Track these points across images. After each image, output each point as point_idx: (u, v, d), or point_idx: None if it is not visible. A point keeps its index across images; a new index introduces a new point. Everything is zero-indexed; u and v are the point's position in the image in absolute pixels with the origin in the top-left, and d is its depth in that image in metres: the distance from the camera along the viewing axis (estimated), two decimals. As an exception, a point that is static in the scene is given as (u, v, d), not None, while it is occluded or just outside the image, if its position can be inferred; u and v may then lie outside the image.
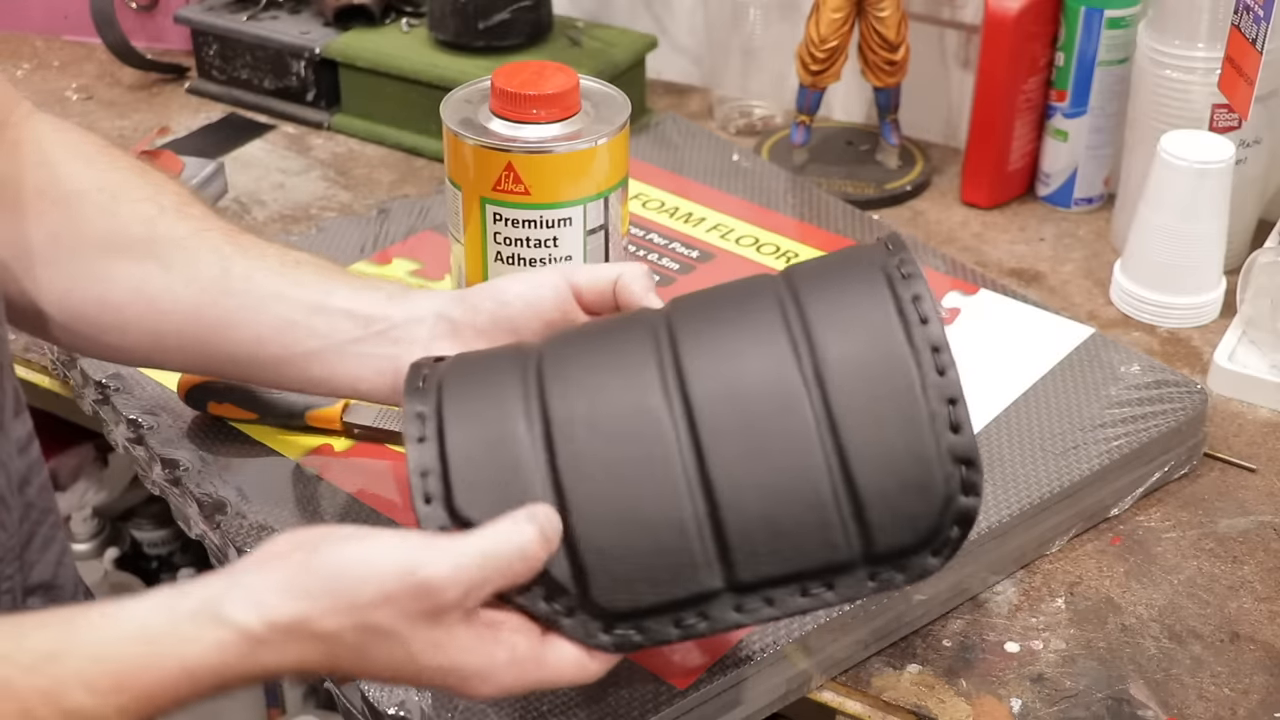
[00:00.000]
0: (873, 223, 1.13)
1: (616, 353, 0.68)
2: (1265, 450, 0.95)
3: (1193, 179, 1.01)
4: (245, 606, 0.58)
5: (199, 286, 0.75)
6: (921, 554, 0.65)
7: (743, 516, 0.64)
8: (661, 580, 0.64)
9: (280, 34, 1.32)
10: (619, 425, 0.65)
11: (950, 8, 1.28)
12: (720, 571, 0.64)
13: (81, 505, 1.56)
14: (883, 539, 0.64)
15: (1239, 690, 0.77)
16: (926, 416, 0.64)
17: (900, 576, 0.65)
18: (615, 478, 0.65)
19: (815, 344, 0.65)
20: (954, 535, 0.64)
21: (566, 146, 0.90)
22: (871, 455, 0.64)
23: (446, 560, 0.60)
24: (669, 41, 1.40)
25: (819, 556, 0.64)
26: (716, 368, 0.66)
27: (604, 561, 0.64)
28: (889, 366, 0.64)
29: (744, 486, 0.64)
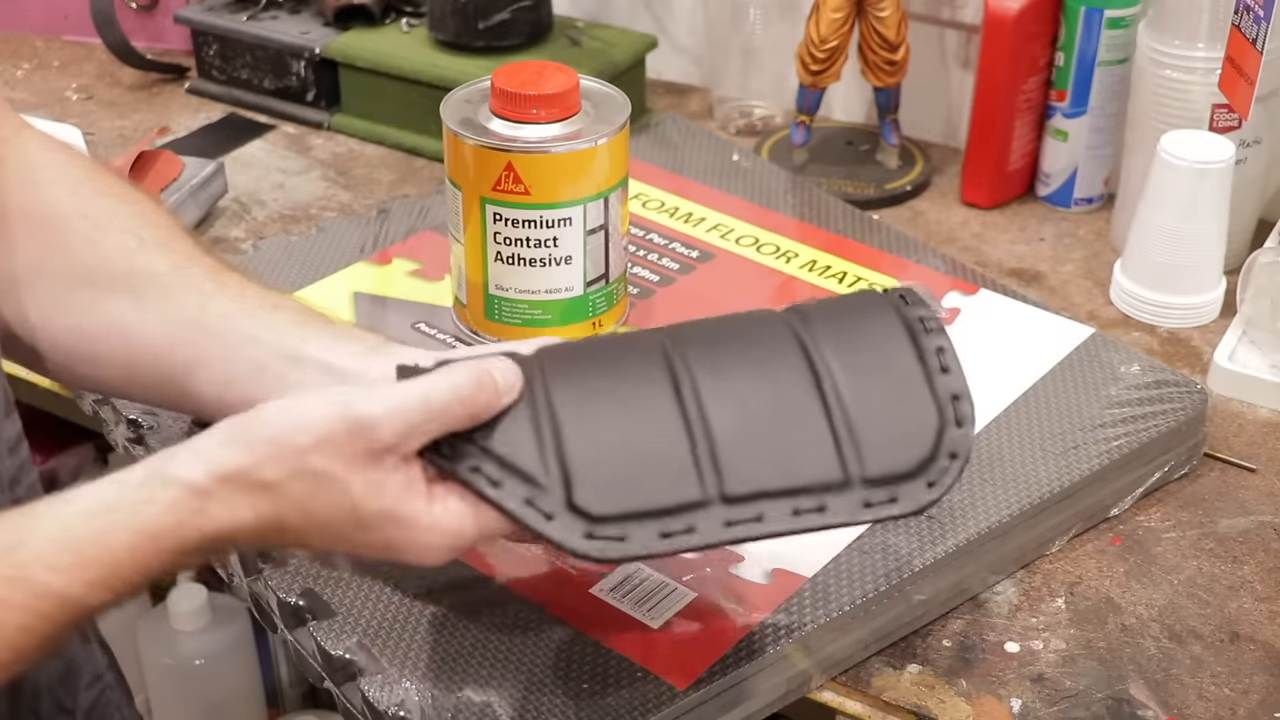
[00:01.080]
0: (873, 223, 1.13)
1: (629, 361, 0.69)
2: (1265, 450, 0.95)
3: (1193, 179, 1.01)
4: (189, 463, 0.60)
5: (174, 324, 0.74)
6: (916, 481, 0.65)
7: (736, 426, 0.65)
8: (650, 485, 0.64)
9: (280, 34, 1.32)
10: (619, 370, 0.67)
11: (950, 8, 1.28)
12: (712, 481, 0.64)
13: (81, 505, 1.55)
14: (876, 461, 0.65)
15: (1239, 690, 0.77)
16: (916, 359, 0.67)
17: (895, 505, 0.65)
18: (606, 386, 0.66)
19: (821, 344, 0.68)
20: (948, 466, 0.65)
21: (566, 146, 0.90)
22: (866, 389, 0.66)
23: (380, 398, 0.61)
24: (669, 41, 1.40)
25: (812, 473, 0.64)
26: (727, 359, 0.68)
27: (590, 462, 0.64)
28: (884, 334, 0.68)
29: (742, 410, 0.65)
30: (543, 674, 0.74)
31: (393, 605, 0.78)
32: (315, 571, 0.80)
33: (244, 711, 1.43)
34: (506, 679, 0.74)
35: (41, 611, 0.57)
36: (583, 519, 0.63)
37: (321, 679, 0.77)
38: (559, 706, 0.73)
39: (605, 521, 0.63)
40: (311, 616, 0.78)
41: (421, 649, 0.76)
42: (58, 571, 0.57)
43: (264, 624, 0.82)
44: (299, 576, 0.79)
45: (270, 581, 0.79)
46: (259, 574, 0.80)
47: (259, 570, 0.80)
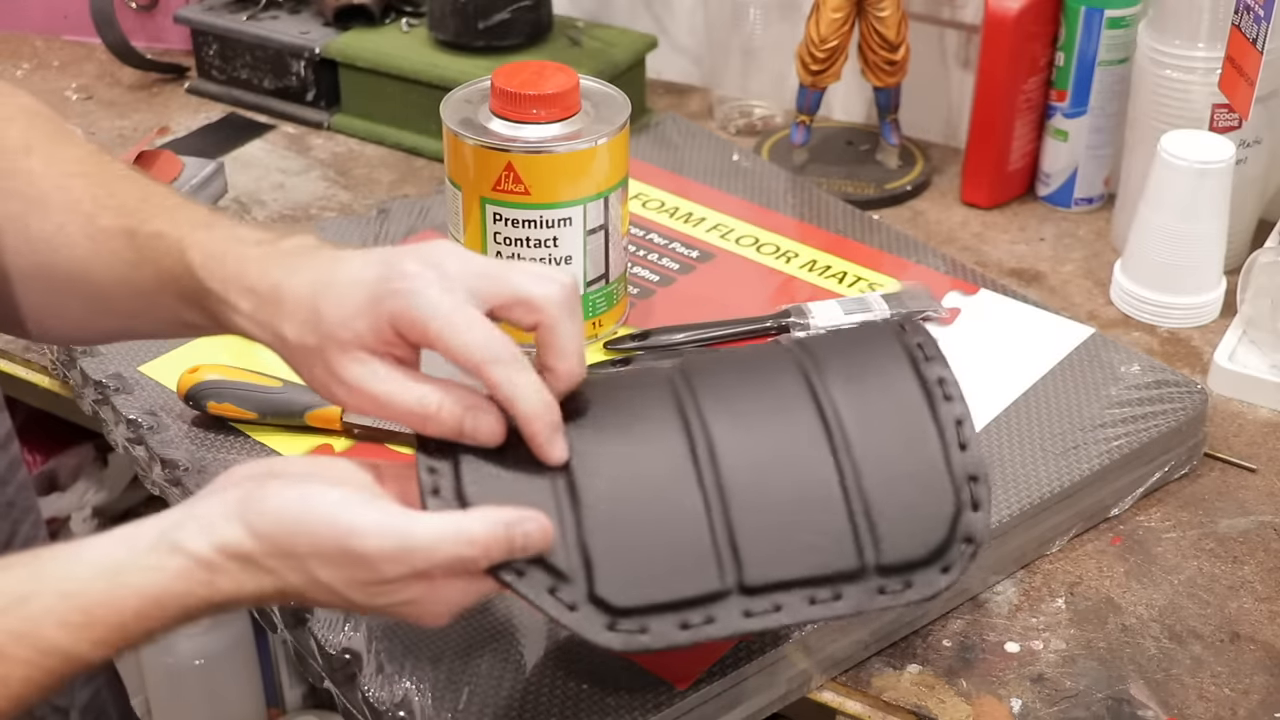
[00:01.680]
0: (873, 223, 1.13)
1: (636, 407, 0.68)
2: (1265, 450, 0.94)
3: (1193, 179, 1.01)
4: (198, 535, 0.60)
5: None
6: (931, 568, 0.65)
7: (756, 518, 0.65)
8: (670, 577, 0.64)
9: (280, 34, 1.32)
10: (639, 452, 0.67)
11: (950, 8, 1.28)
12: (731, 572, 0.64)
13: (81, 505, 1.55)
14: (893, 550, 0.65)
15: (1239, 690, 0.77)
16: (936, 433, 0.67)
17: (909, 592, 0.65)
18: (630, 474, 0.65)
19: (834, 396, 0.68)
20: (962, 551, 0.66)
21: (566, 146, 0.90)
22: (884, 468, 0.66)
23: (386, 538, 0.60)
24: (669, 41, 1.40)
25: (829, 564, 0.65)
26: (741, 418, 0.68)
27: (613, 554, 0.64)
28: (901, 400, 0.68)
29: (760, 492, 0.65)
30: (543, 674, 0.74)
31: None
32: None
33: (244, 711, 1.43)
34: (506, 679, 0.74)
35: (46, 667, 0.58)
36: (605, 612, 0.64)
37: (321, 679, 0.77)
38: (559, 706, 0.73)
39: (627, 615, 0.64)
40: (311, 617, 0.78)
41: (421, 649, 0.76)
42: (66, 629, 0.58)
43: (264, 624, 0.82)
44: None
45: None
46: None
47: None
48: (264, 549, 0.60)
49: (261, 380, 0.90)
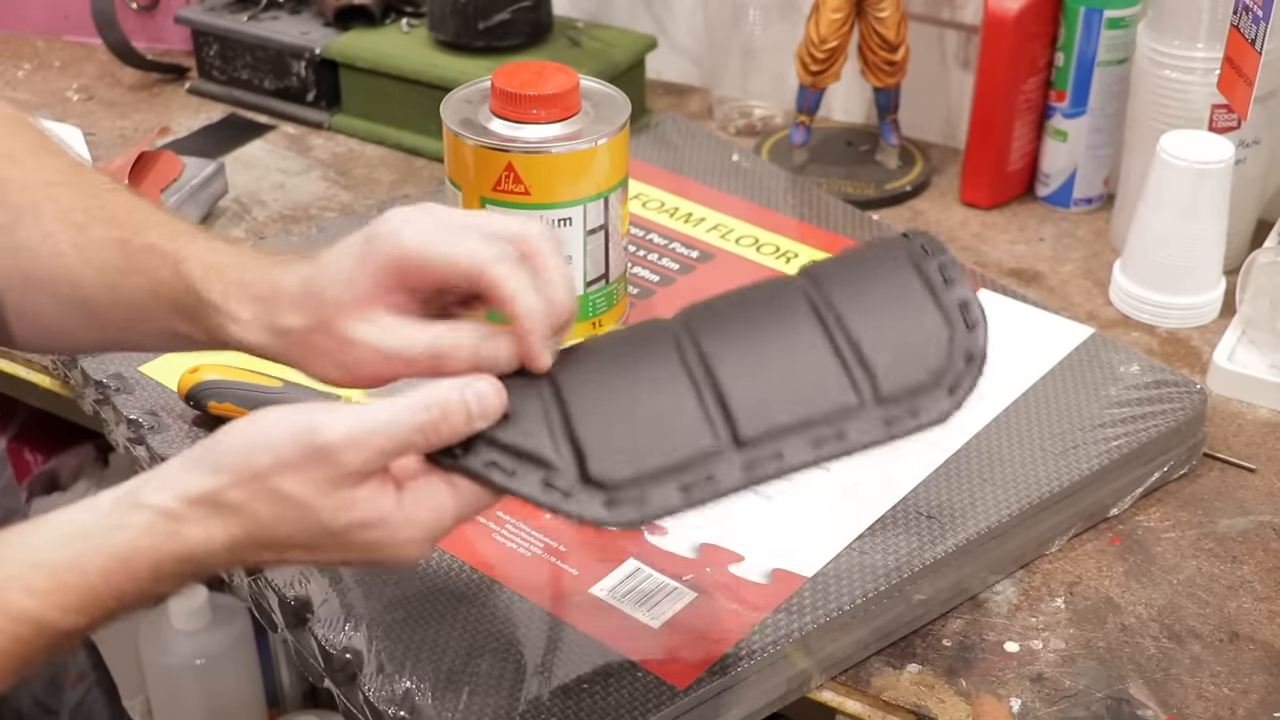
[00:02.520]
0: (872, 223, 1.13)
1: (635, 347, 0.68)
2: (1265, 450, 0.95)
3: (1192, 179, 1.01)
4: (159, 487, 0.60)
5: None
6: (935, 391, 0.64)
7: (744, 377, 0.64)
8: (662, 443, 0.63)
9: (280, 34, 1.32)
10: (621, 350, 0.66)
11: (950, 8, 1.28)
12: (724, 429, 0.63)
13: (82, 505, 1.55)
14: (889, 378, 0.64)
15: (1238, 690, 0.77)
16: (919, 279, 0.66)
17: (916, 419, 0.64)
18: (609, 357, 0.65)
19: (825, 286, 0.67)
20: (965, 369, 0.64)
21: (566, 146, 0.90)
22: (869, 311, 0.65)
23: (344, 424, 0.60)
24: (669, 41, 1.40)
25: (825, 401, 0.63)
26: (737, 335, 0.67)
27: (601, 434, 0.63)
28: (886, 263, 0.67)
29: (746, 355, 0.65)
30: (543, 674, 0.74)
31: (393, 605, 0.78)
32: (315, 571, 0.80)
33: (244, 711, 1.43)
34: (506, 679, 0.74)
35: (17, 635, 0.57)
36: (600, 490, 0.63)
37: (321, 679, 0.77)
38: (559, 706, 0.73)
39: (622, 487, 0.63)
40: (311, 616, 0.78)
41: (421, 649, 0.76)
42: (33, 595, 0.58)
43: (264, 624, 0.82)
44: (299, 576, 0.79)
45: (270, 581, 0.79)
46: (259, 574, 0.80)
47: (259, 570, 0.80)
48: (226, 480, 0.60)
49: (261, 380, 0.90)
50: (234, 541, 0.60)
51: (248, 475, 0.60)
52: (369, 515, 0.61)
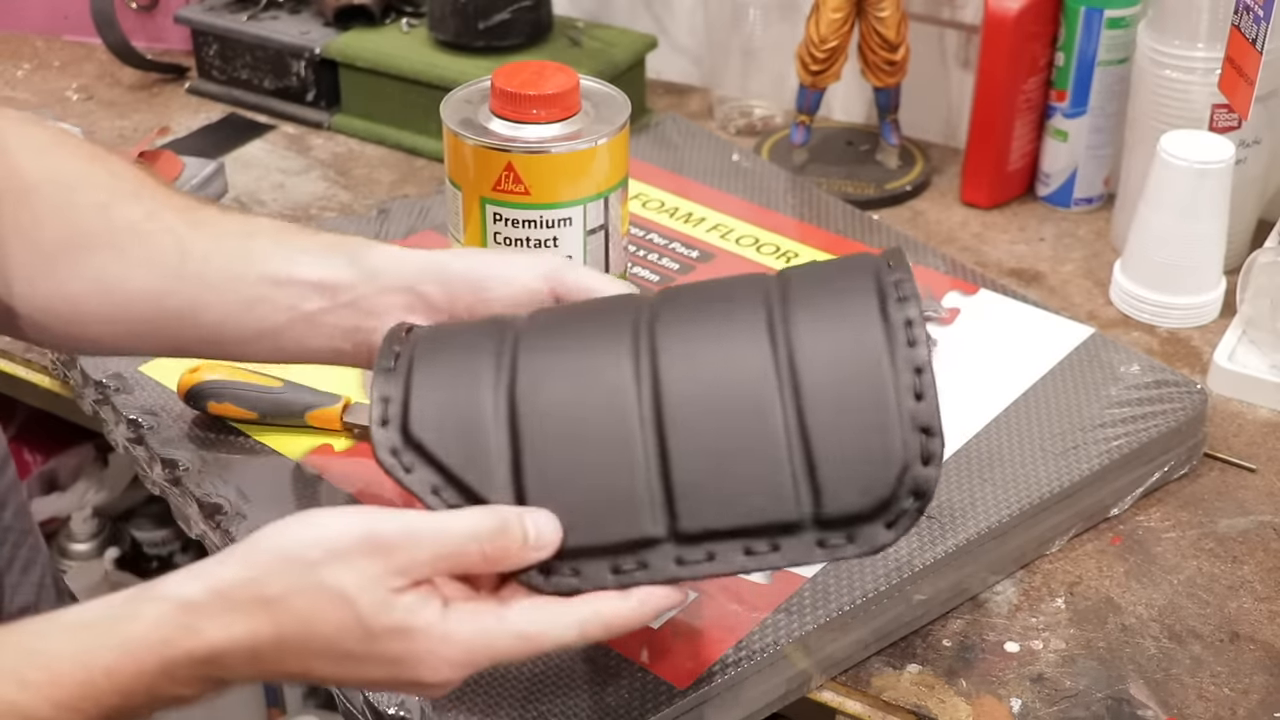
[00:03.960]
0: (873, 223, 1.13)
1: (594, 334, 0.67)
2: (1265, 450, 0.95)
3: (1193, 179, 1.01)
4: (184, 579, 0.57)
5: (158, 272, 0.74)
6: (874, 523, 0.63)
7: (691, 464, 0.63)
8: (603, 522, 0.63)
9: (280, 34, 1.32)
10: (579, 380, 0.66)
11: (950, 8, 1.28)
12: (664, 519, 0.63)
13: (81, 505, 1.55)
14: (833, 502, 0.63)
15: (1239, 690, 0.77)
16: (890, 381, 0.63)
17: (850, 546, 0.63)
18: (568, 417, 0.65)
19: (791, 330, 0.65)
20: (909, 507, 0.63)
21: (566, 146, 0.90)
22: (829, 415, 0.63)
23: (400, 522, 0.60)
24: (669, 41, 1.40)
25: (766, 513, 0.63)
26: (689, 350, 0.66)
27: (547, 496, 0.63)
28: (860, 338, 0.64)
29: (695, 436, 0.64)
30: (543, 674, 0.74)
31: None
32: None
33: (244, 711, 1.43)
34: (506, 679, 0.74)
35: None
36: None
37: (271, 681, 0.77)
38: (559, 706, 0.73)
39: (560, 557, 0.63)
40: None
41: (421, 649, 0.75)
42: (26, 688, 0.54)
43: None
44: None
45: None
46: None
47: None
48: (267, 568, 0.57)
49: (261, 380, 0.90)
50: (256, 643, 0.57)
51: (294, 564, 0.58)
52: (409, 622, 0.59)
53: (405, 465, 0.64)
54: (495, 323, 0.70)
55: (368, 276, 0.73)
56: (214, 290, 0.73)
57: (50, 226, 0.74)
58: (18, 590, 0.69)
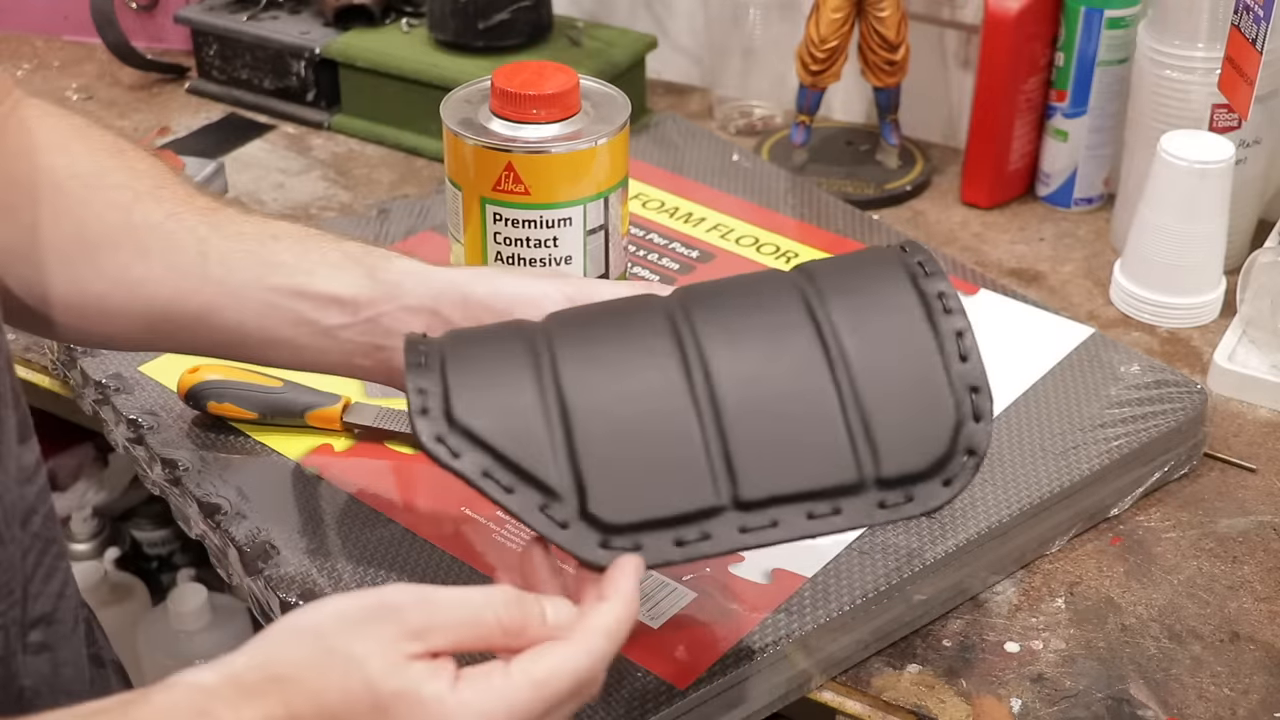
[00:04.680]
0: (873, 223, 1.13)
1: (630, 327, 0.67)
2: (1265, 450, 0.95)
3: (1193, 179, 1.01)
4: (200, 670, 0.56)
5: (178, 274, 0.74)
6: (932, 481, 0.64)
7: (751, 432, 0.63)
8: (664, 492, 0.63)
9: (280, 34, 1.32)
10: (629, 368, 0.65)
11: (950, 8, 1.28)
12: (726, 487, 0.63)
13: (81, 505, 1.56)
14: (892, 461, 0.63)
15: (1239, 690, 0.77)
16: (935, 346, 0.65)
17: (911, 505, 0.64)
18: (622, 390, 0.64)
19: (834, 320, 0.66)
20: (965, 464, 0.64)
21: (566, 146, 0.90)
22: (882, 380, 0.64)
23: (415, 591, 0.58)
24: (669, 41, 1.40)
25: (826, 476, 0.63)
26: (734, 337, 0.66)
27: (606, 470, 0.62)
28: (899, 312, 0.66)
29: (754, 405, 0.64)
30: (543, 674, 0.74)
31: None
32: (315, 571, 0.80)
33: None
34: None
35: None
36: (597, 529, 0.62)
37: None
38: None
39: (620, 531, 0.62)
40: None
41: (421, 649, 0.75)
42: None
43: (264, 624, 0.82)
44: (299, 576, 0.79)
45: (270, 581, 0.79)
46: (259, 574, 0.80)
47: (259, 570, 0.80)
48: (279, 647, 0.56)
49: (262, 380, 0.90)
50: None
51: (305, 636, 0.56)
52: (421, 689, 0.56)
53: (453, 450, 0.63)
54: (516, 324, 0.69)
55: (388, 294, 0.73)
56: (233, 296, 0.73)
57: (70, 225, 0.74)
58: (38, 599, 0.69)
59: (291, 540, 0.82)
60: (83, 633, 0.74)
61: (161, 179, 0.77)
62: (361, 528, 0.83)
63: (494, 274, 0.75)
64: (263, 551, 0.81)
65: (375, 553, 0.81)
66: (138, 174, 0.76)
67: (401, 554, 0.81)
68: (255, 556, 0.81)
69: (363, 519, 0.83)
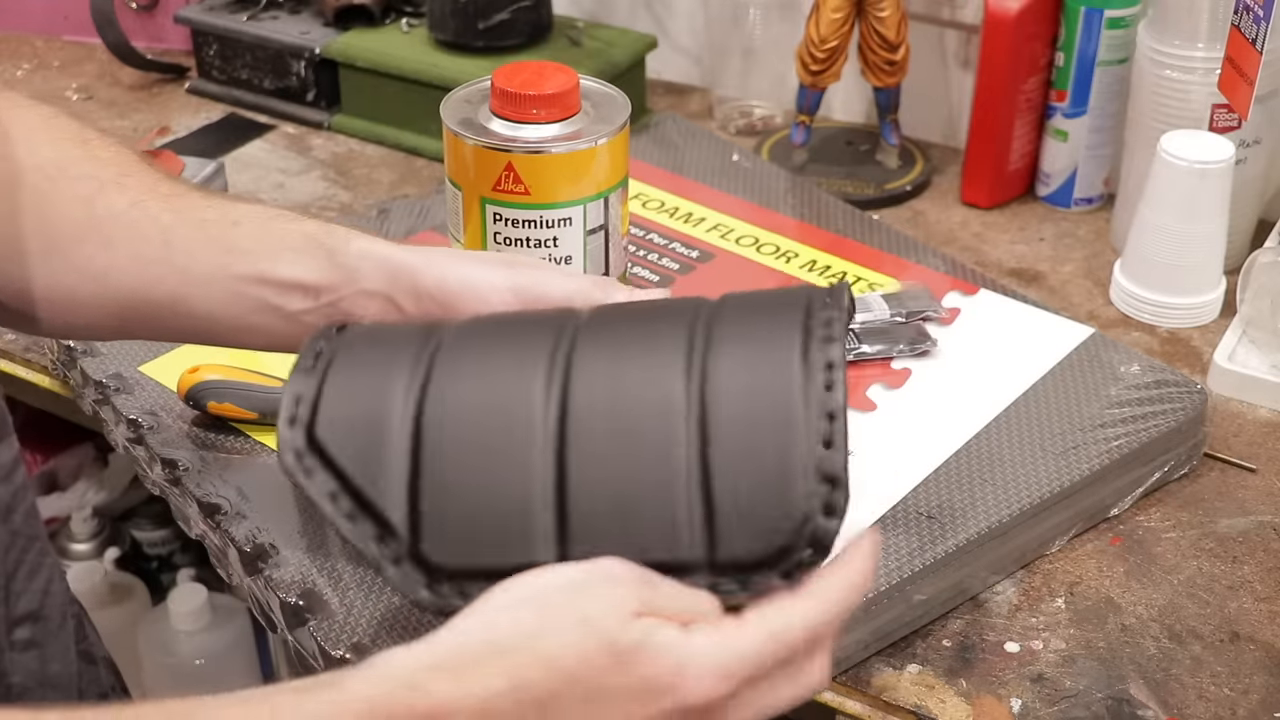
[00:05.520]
0: (873, 223, 1.13)
1: (513, 346, 0.66)
2: (1265, 450, 0.95)
3: (1193, 179, 1.01)
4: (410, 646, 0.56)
5: (143, 263, 0.73)
6: (768, 572, 0.61)
7: (588, 494, 0.61)
8: (495, 544, 0.61)
9: (280, 34, 1.32)
10: (488, 396, 0.64)
11: (950, 8, 1.28)
12: (554, 548, 0.61)
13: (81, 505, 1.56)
14: (727, 548, 0.61)
15: (1239, 690, 0.77)
16: (800, 426, 0.61)
17: (743, 593, 0.61)
18: (471, 436, 0.62)
19: (709, 360, 0.63)
20: (806, 558, 0.60)
21: (566, 146, 0.90)
22: (733, 456, 0.61)
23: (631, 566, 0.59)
24: (669, 41, 1.40)
25: (658, 551, 0.61)
26: (603, 370, 0.64)
27: (442, 513, 0.62)
28: (776, 377, 0.62)
29: (597, 466, 0.62)
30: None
31: (393, 605, 0.78)
32: (315, 571, 0.80)
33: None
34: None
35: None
36: (424, 571, 0.62)
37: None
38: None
39: (449, 577, 0.62)
40: (311, 616, 0.78)
41: (421, 649, 0.75)
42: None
43: (264, 624, 0.82)
44: (299, 576, 0.79)
45: (270, 581, 0.79)
46: (259, 574, 0.80)
47: (259, 570, 0.80)
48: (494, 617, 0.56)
49: (261, 380, 0.90)
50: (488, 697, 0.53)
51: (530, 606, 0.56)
52: (653, 638, 0.56)
53: (306, 469, 0.62)
54: (427, 327, 0.68)
55: (347, 278, 0.74)
56: (199, 285, 0.73)
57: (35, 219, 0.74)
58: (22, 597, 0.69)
59: (291, 540, 0.82)
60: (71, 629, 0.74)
61: (126, 167, 0.76)
62: (361, 528, 0.82)
63: (444, 260, 0.75)
64: (263, 551, 0.81)
65: (375, 553, 0.81)
66: (102, 163, 0.76)
67: (401, 554, 0.81)
68: (255, 556, 0.81)
69: (363, 519, 0.83)
